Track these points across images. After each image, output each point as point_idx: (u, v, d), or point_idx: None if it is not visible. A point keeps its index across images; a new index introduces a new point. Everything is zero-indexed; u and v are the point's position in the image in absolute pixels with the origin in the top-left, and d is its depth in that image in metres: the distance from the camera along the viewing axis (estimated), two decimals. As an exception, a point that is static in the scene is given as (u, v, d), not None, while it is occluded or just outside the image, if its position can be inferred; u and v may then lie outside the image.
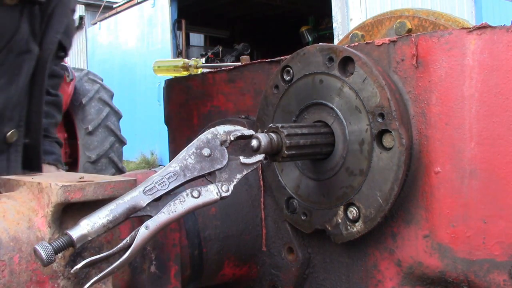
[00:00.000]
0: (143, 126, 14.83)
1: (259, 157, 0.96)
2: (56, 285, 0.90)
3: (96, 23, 18.22)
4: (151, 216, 0.86)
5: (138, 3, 15.89)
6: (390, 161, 0.94)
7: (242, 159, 0.95)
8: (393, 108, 0.93)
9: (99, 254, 0.85)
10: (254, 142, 0.96)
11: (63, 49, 1.79)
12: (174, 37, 14.74)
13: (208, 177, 0.92)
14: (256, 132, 1.00)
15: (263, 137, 0.97)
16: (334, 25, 11.38)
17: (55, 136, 1.97)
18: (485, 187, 0.90)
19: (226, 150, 0.94)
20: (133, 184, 0.95)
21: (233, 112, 1.41)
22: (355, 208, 1.00)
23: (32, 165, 1.69)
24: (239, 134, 0.97)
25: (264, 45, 18.30)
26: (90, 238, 0.81)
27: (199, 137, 0.94)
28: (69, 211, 0.92)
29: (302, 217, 1.11)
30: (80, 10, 19.74)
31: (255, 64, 1.34)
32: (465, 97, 0.91)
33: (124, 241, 0.85)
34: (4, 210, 0.92)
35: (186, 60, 1.90)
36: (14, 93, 1.56)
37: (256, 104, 1.26)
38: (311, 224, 1.10)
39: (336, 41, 9.70)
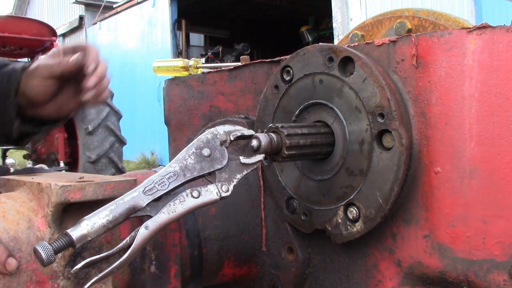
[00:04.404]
0: (143, 126, 14.83)
1: (259, 157, 0.96)
2: (56, 285, 0.90)
3: (96, 23, 18.22)
4: (151, 216, 0.86)
5: (138, 3, 15.88)
6: (390, 161, 0.94)
7: (242, 159, 0.95)
8: (393, 108, 0.93)
9: (99, 254, 0.85)
10: (254, 142, 0.96)
11: None
12: (174, 37, 14.74)
13: (208, 177, 0.92)
14: (256, 132, 1.00)
15: (263, 137, 0.97)
16: (334, 25, 11.37)
17: None
18: (485, 187, 0.90)
19: (226, 150, 0.94)
20: (133, 184, 0.95)
21: (233, 112, 1.41)
22: (355, 208, 1.00)
23: None
24: (239, 134, 0.97)
25: (264, 45, 18.29)
26: (90, 238, 0.81)
27: (199, 137, 0.94)
28: (69, 211, 0.92)
29: (302, 217, 1.11)
30: (80, 10, 19.75)
31: (255, 64, 1.34)
32: (465, 97, 0.91)
33: (124, 241, 0.85)
34: (4, 210, 0.92)
35: (186, 60, 1.89)
36: None
37: (256, 104, 1.26)
38: (311, 224, 1.10)
39: (336, 41, 9.70)
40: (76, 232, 0.80)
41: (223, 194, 0.91)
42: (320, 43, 1.08)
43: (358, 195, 0.99)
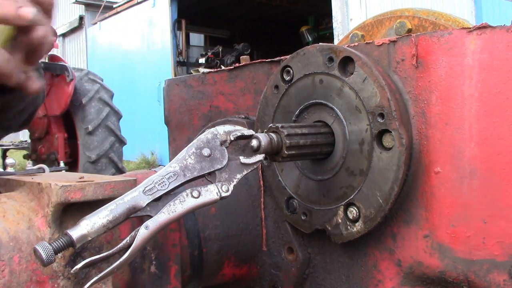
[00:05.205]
0: (143, 126, 14.84)
1: (259, 157, 0.96)
2: (56, 285, 0.90)
3: (96, 23, 18.23)
4: (151, 216, 0.86)
5: (138, 3, 15.90)
6: (390, 161, 0.94)
7: (242, 159, 0.95)
8: (393, 108, 0.93)
9: (99, 254, 0.85)
10: (254, 142, 0.96)
11: None
12: (174, 37, 14.76)
13: (208, 177, 0.92)
14: (256, 132, 1.00)
15: (263, 137, 0.97)
16: (334, 25, 11.38)
17: None
18: (485, 187, 0.90)
19: (226, 150, 0.94)
20: (133, 184, 0.95)
21: (233, 112, 1.41)
22: (355, 208, 1.00)
23: None
24: (239, 134, 0.97)
25: (264, 45, 18.30)
26: (90, 238, 0.81)
27: (199, 137, 0.94)
28: (69, 211, 0.92)
29: (302, 217, 1.11)
30: (80, 10, 19.77)
31: (255, 64, 1.34)
32: (465, 97, 0.91)
33: (124, 241, 0.85)
34: (4, 210, 0.92)
35: None
36: None
37: (256, 104, 1.26)
38: (311, 224, 1.10)
39: (336, 41, 9.71)
40: (76, 232, 0.80)
41: (223, 194, 0.91)
42: (320, 43, 1.08)
43: (358, 195, 0.99)
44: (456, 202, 0.91)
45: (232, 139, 0.96)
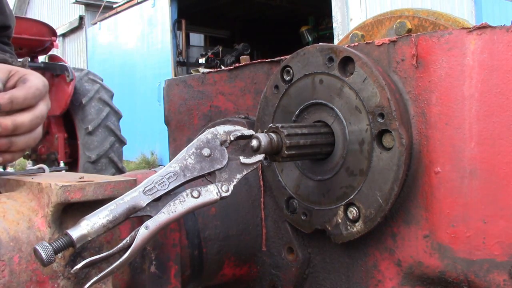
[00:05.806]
0: (143, 126, 14.84)
1: (259, 157, 0.96)
2: (56, 285, 0.90)
3: (96, 23, 18.23)
4: (151, 216, 0.86)
5: (138, 3, 15.90)
6: (390, 161, 0.94)
7: (242, 159, 0.95)
8: (393, 108, 0.93)
9: (99, 254, 0.85)
10: (254, 142, 0.96)
11: None
12: (174, 37, 14.76)
13: (208, 177, 0.92)
14: (256, 132, 1.00)
15: (263, 137, 0.97)
16: (334, 25, 11.39)
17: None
18: (485, 187, 0.90)
19: (226, 150, 0.94)
20: (133, 184, 0.95)
21: (233, 112, 1.41)
22: (355, 208, 1.00)
23: None
24: (239, 134, 0.97)
25: (264, 45, 18.30)
26: (90, 238, 0.81)
27: (199, 137, 0.94)
28: (69, 211, 0.92)
29: (302, 217, 1.11)
30: (80, 10, 19.77)
31: (255, 64, 1.34)
32: (465, 97, 0.91)
33: (124, 241, 0.85)
34: (4, 210, 0.92)
35: None
36: None
37: (256, 104, 1.26)
38: (311, 224, 1.10)
39: (336, 41, 9.71)
40: (76, 232, 0.80)
41: (223, 194, 0.91)
42: (320, 43, 1.08)
43: (358, 195, 0.99)
44: (456, 202, 0.91)
45: (232, 139, 0.96)
